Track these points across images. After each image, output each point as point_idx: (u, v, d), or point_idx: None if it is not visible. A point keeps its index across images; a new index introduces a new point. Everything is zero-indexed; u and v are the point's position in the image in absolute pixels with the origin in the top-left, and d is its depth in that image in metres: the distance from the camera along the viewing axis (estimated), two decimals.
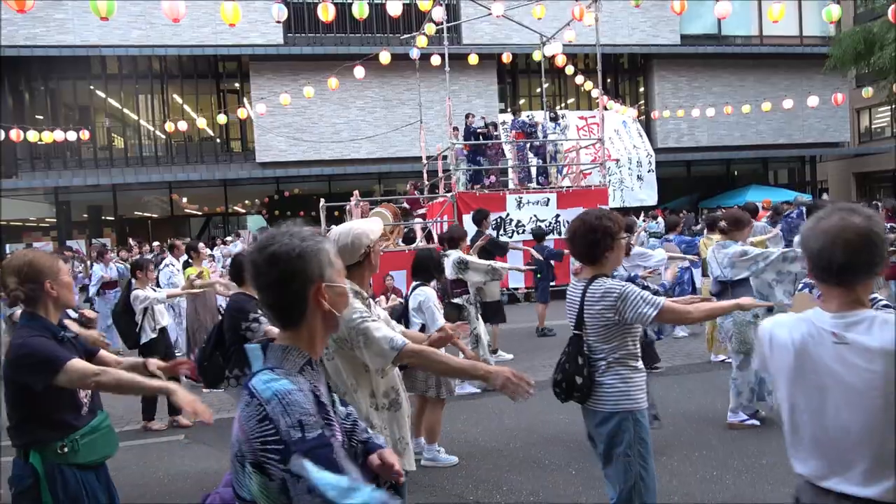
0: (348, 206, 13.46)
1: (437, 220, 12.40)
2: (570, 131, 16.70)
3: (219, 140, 22.64)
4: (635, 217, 13.54)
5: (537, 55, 15.27)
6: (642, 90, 25.01)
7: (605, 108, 14.67)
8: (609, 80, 23.07)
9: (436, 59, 14.40)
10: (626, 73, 25.24)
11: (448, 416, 5.57)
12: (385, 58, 13.94)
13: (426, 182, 15.15)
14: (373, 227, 2.74)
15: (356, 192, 13.51)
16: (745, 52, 24.02)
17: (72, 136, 17.03)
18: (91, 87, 21.49)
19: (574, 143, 15.15)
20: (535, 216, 12.41)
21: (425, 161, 15.77)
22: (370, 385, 2.69)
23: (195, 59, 21.36)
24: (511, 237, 12.02)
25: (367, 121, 21.21)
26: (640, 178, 19.77)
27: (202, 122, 18.35)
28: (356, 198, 13.16)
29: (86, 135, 18.19)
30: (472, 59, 15.41)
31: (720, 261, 5.36)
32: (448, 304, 6.65)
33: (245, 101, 21.07)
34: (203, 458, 5.56)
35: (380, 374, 2.69)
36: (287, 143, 20.77)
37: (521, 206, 12.47)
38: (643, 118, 23.30)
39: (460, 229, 7.30)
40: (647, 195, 20.59)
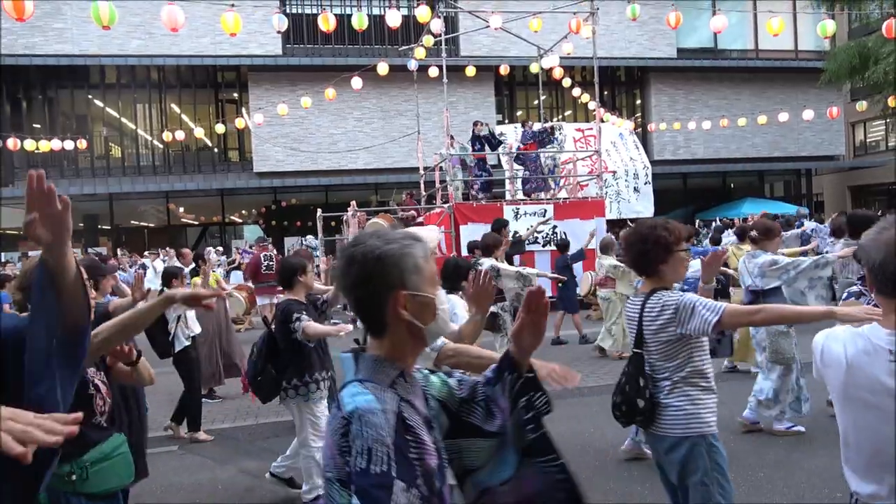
0: (345, 217, 13.48)
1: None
2: (567, 143, 16.73)
3: (216, 150, 22.64)
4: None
5: (535, 67, 15.31)
6: (639, 103, 25.16)
7: (602, 121, 14.71)
8: (606, 93, 23.16)
9: (434, 71, 14.48)
10: (623, 86, 25.38)
11: None
12: (383, 69, 14.00)
13: (423, 192, 15.16)
14: (430, 235, 2.74)
15: (353, 203, 13.54)
16: (740, 65, 24.17)
17: (69, 145, 17.03)
18: (89, 97, 21.52)
19: (571, 154, 15.21)
20: (531, 227, 12.44)
21: (422, 171, 15.80)
22: None
23: (193, 69, 21.40)
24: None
25: (365, 131, 21.24)
26: (636, 189, 19.78)
27: (200, 132, 18.38)
28: (353, 208, 13.18)
29: (83, 144, 18.20)
30: (470, 70, 15.45)
31: (751, 270, 5.37)
32: None
33: (243, 111, 21.08)
34: (197, 470, 5.52)
35: None
36: (284, 153, 20.79)
37: (519, 216, 12.50)
38: (640, 130, 23.37)
39: (495, 237, 7.14)
40: (644, 207, 20.60)
